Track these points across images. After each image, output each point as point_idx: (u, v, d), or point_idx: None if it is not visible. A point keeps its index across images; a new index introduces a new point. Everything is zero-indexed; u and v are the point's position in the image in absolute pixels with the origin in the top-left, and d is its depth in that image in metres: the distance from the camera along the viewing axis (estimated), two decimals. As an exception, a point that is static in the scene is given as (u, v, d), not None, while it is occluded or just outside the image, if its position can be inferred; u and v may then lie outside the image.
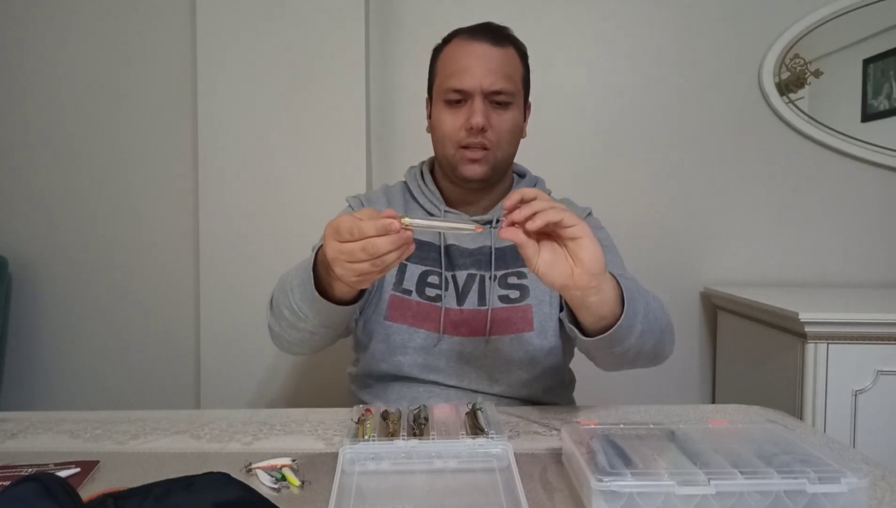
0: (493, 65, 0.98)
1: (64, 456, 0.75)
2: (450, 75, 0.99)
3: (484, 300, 1.02)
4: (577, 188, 1.24)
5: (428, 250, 1.05)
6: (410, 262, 1.04)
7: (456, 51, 1.01)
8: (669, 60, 1.82)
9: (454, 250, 1.05)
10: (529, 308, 1.02)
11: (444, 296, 1.02)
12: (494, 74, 0.97)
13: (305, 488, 0.67)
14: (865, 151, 1.79)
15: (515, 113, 1.02)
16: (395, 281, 1.03)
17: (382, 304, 1.03)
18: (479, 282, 1.03)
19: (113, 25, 1.82)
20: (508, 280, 1.04)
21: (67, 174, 1.84)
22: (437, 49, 1.06)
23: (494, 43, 0.99)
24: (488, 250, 1.05)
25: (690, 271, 1.86)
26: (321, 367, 1.74)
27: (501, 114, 1.00)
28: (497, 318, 1.01)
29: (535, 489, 0.66)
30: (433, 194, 1.08)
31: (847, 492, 0.57)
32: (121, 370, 1.86)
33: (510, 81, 0.99)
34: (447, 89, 0.99)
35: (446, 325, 1.01)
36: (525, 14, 1.81)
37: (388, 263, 0.69)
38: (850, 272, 1.83)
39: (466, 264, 1.04)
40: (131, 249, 1.85)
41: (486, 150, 0.99)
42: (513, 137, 1.03)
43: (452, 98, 0.99)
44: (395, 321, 1.02)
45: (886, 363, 1.36)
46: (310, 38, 1.70)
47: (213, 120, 1.72)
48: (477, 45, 0.99)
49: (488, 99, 0.98)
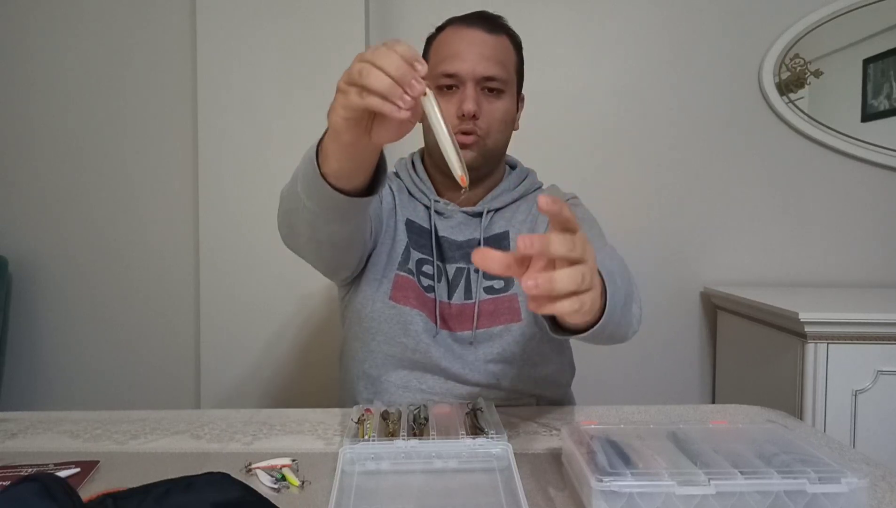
0: (486, 51, 0.97)
1: (64, 456, 0.75)
2: (442, 60, 0.99)
3: (470, 294, 1.02)
4: (576, 188, 1.24)
5: (426, 237, 1.04)
6: (412, 246, 1.03)
7: (450, 36, 1.00)
8: (669, 60, 1.82)
9: (445, 241, 1.04)
10: (516, 297, 1.01)
11: (436, 287, 1.02)
12: (487, 60, 0.97)
13: (305, 488, 0.67)
14: (865, 151, 1.79)
15: (508, 102, 1.01)
16: (402, 260, 1.02)
17: (387, 283, 1.01)
18: (465, 276, 1.03)
19: (113, 25, 1.82)
20: None
21: (68, 174, 1.84)
22: (431, 37, 1.05)
23: (488, 30, 0.99)
24: (476, 243, 1.04)
25: (690, 271, 1.86)
26: (321, 367, 1.74)
27: (493, 101, 0.99)
28: (484, 311, 1.00)
29: (535, 489, 0.66)
30: (424, 183, 1.08)
31: (847, 492, 0.57)
32: (121, 370, 1.86)
33: (503, 68, 0.99)
34: (439, 74, 0.98)
35: (440, 319, 1.01)
36: (525, 14, 1.81)
37: (369, 103, 0.60)
38: (850, 272, 1.83)
39: (455, 257, 1.04)
40: (131, 249, 1.85)
41: (476, 136, 0.99)
42: (504, 126, 1.02)
43: (444, 83, 0.98)
44: (399, 303, 1.00)
45: (886, 363, 1.36)
46: (310, 37, 1.70)
47: (213, 120, 1.72)
48: (470, 32, 0.99)
49: (480, 86, 0.98)
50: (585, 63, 1.83)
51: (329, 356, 1.74)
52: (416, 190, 1.08)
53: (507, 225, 1.06)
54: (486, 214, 1.04)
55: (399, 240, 1.03)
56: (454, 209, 1.05)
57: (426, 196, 1.07)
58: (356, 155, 0.70)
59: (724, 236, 1.85)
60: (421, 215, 1.07)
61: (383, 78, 0.58)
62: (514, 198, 1.08)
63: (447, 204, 1.06)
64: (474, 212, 1.05)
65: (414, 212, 1.07)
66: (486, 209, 1.05)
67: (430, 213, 1.06)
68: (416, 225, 1.05)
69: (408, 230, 1.04)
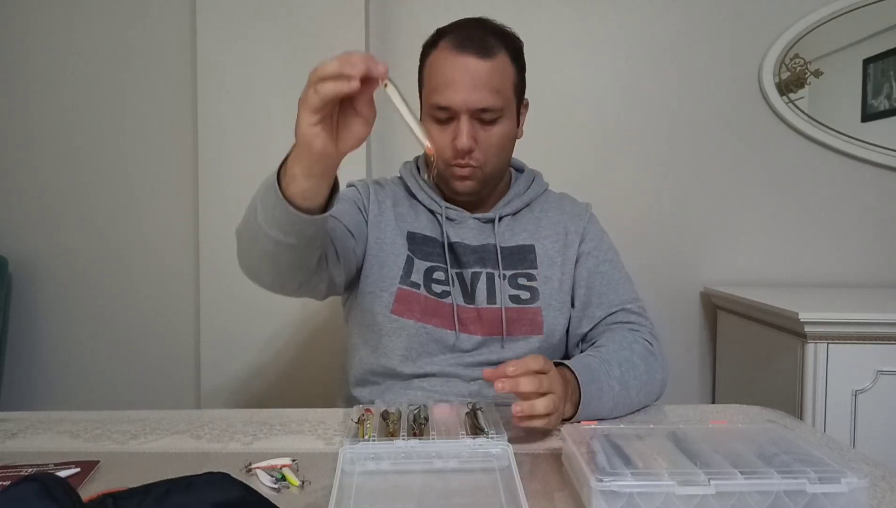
0: (479, 80, 0.94)
1: (64, 456, 0.75)
2: (434, 89, 0.97)
3: (494, 299, 1.02)
4: (576, 188, 1.24)
5: (432, 245, 1.04)
6: (416, 257, 1.03)
7: (441, 63, 0.97)
8: (669, 60, 1.82)
9: (458, 247, 1.04)
10: (539, 311, 1.02)
11: (452, 292, 1.01)
12: (480, 91, 0.94)
13: (305, 488, 0.67)
14: (865, 151, 1.79)
15: (505, 125, 1.00)
16: (403, 274, 1.02)
17: (388, 297, 1.01)
18: (486, 280, 1.03)
19: (113, 25, 1.82)
20: (518, 281, 1.03)
21: (68, 174, 1.84)
22: (426, 49, 1.03)
23: (482, 55, 0.95)
24: (492, 248, 1.04)
25: (690, 271, 1.86)
26: (321, 367, 1.74)
27: (489, 130, 0.98)
28: (509, 318, 1.01)
29: (535, 489, 0.66)
30: (433, 190, 1.08)
31: (847, 492, 0.57)
32: (121, 370, 1.86)
33: (498, 96, 0.96)
34: (433, 106, 0.97)
35: (460, 323, 1.01)
36: (524, 14, 1.81)
37: (325, 91, 0.66)
38: (850, 272, 1.83)
39: (471, 261, 1.04)
40: (131, 249, 1.85)
41: (473, 168, 0.99)
42: (502, 149, 1.01)
43: (438, 116, 0.97)
44: (402, 316, 1.00)
45: (886, 363, 1.36)
46: (310, 37, 1.70)
47: (213, 120, 1.72)
48: (462, 59, 0.95)
49: (475, 116, 0.96)
50: (585, 63, 1.83)
51: (329, 356, 1.73)
52: (424, 196, 1.08)
53: (532, 238, 1.07)
54: (498, 220, 1.05)
55: (398, 254, 1.03)
56: (465, 215, 1.06)
57: (436, 203, 1.06)
58: (323, 168, 0.74)
59: (724, 236, 1.85)
60: (424, 224, 1.06)
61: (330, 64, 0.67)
62: (525, 203, 1.09)
63: (458, 211, 1.06)
64: (486, 218, 1.06)
65: (416, 222, 1.06)
66: (500, 215, 1.06)
67: (439, 219, 1.06)
68: (418, 236, 1.05)
69: (409, 242, 1.04)
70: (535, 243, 1.06)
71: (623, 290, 1.06)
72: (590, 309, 1.05)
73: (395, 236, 1.04)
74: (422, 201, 1.08)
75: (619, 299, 1.05)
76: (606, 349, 0.95)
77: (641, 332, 1.01)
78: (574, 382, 0.85)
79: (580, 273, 1.06)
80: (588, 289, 1.06)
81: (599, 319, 1.04)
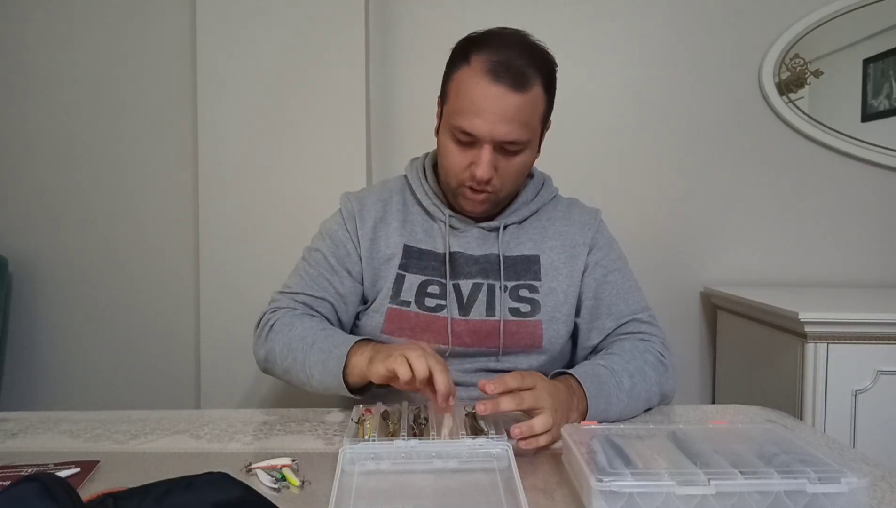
0: (508, 113, 0.90)
1: (64, 456, 0.75)
2: (460, 112, 0.92)
3: (493, 311, 0.99)
4: (576, 188, 1.24)
5: (429, 258, 1.02)
6: (410, 272, 1.01)
7: (473, 87, 0.91)
8: (669, 60, 1.82)
9: (460, 257, 1.01)
10: (540, 324, 1.00)
11: (447, 306, 0.99)
12: (509, 124, 0.90)
13: (305, 488, 0.67)
14: (865, 151, 1.79)
15: (527, 155, 0.97)
16: (393, 293, 1.00)
17: (379, 317, 1.00)
18: (486, 291, 1.00)
19: (113, 25, 1.82)
20: (520, 293, 1.01)
21: (67, 174, 1.84)
22: (456, 59, 0.95)
23: (516, 88, 0.90)
24: (496, 257, 1.02)
25: (690, 271, 1.86)
26: (321, 367, 1.74)
27: (511, 159, 0.95)
28: (507, 331, 0.99)
29: (535, 489, 0.66)
30: (437, 195, 1.05)
31: (847, 492, 0.57)
32: (121, 370, 1.86)
33: (525, 129, 0.93)
34: (457, 127, 0.93)
35: (454, 336, 0.99)
36: (526, 14, 1.81)
37: (397, 382, 0.79)
38: (850, 272, 1.83)
39: (472, 272, 1.01)
40: (131, 248, 1.85)
41: (488, 193, 0.97)
42: (520, 176, 1.00)
43: (461, 138, 0.93)
44: (393, 335, 0.99)
45: (886, 363, 1.36)
46: (310, 38, 1.70)
47: (213, 120, 1.72)
48: (494, 88, 0.89)
49: (498, 147, 0.93)
50: (584, 63, 1.83)
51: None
52: (427, 200, 1.05)
53: (537, 248, 1.04)
54: (503, 229, 1.03)
55: (389, 273, 1.02)
56: (469, 224, 1.03)
57: (438, 208, 1.04)
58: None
59: (724, 236, 1.85)
60: (419, 236, 1.04)
61: (420, 367, 0.77)
62: (532, 211, 1.07)
63: (463, 219, 1.03)
64: (491, 227, 1.03)
65: (413, 234, 1.04)
66: (504, 224, 1.03)
67: (442, 229, 1.03)
68: (414, 250, 1.02)
69: (405, 256, 1.02)
70: (541, 254, 1.03)
71: (633, 299, 1.04)
72: (599, 321, 1.03)
73: (389, 252, 1.03)
74: (426, 208, 1.05)
75: (630, 310, 1.03)
76: (617, 359, 0.94)
77: (653, 342, 1.00)
78: (580, 390, 0.85)
79: (588, 284, 1.04)
80: (596, 300, 1.03)
81: (610, 330, 1.02)
